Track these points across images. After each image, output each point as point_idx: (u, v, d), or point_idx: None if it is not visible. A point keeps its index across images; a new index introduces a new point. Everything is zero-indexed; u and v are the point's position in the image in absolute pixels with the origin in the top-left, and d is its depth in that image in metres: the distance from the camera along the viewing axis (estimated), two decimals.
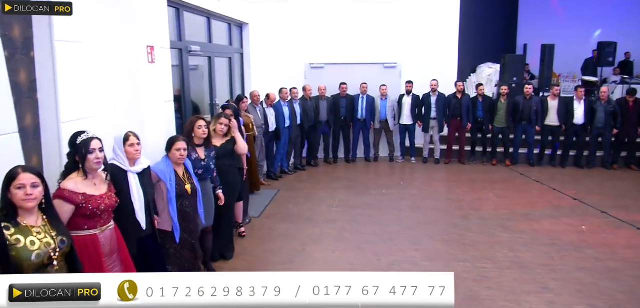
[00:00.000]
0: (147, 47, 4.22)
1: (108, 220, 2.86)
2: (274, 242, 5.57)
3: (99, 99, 3.95)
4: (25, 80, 3.56)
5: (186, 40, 6.46)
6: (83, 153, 2.72)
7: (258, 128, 6.98)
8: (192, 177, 3.82)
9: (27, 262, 2.17)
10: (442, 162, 9.40)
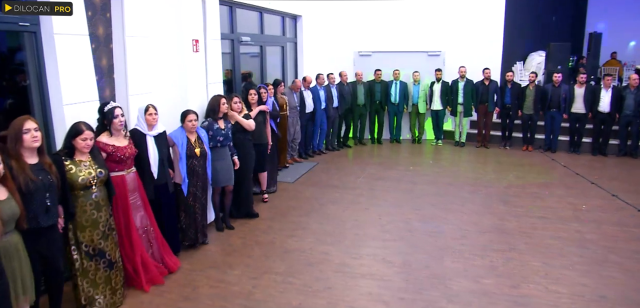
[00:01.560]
0: (192, 40, 5.51)
1: (131, 165, 4.12)
2: (298, 201, 6.70)
3: (157, 79, 5.28)
4: (105, 64, 4.95)
5: (238, 31, 7.74)
6: (110, 118, 3.99)
7: (291, 109, 8.05)
8: (203, 143, 4.93)
9: (75, 183, 3.49)
10: (470, 145, 9.97)
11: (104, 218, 3.67)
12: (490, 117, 9.48)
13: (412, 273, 4.53)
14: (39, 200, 3.11)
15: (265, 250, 5.07)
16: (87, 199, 3.56)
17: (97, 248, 3.67)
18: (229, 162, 5.36)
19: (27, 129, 3.08)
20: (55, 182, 3.23)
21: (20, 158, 3.08)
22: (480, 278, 4.41)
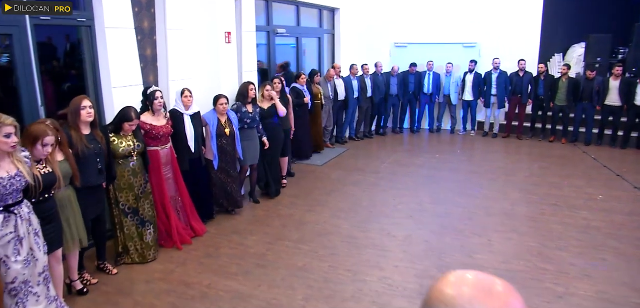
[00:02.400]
0: (225, 33, 6.16)
1: (166, 142, 4.80)
2: (323, 182, 7.24)
3: (193, 67, 5.97)
4: (150, 54, 5.70)
5: (274, 24, 8.34)
6: (151, 99, 4.69)
7: (326, 99, 8.56)
8: (232, 124, 5.54)
9: (117, 153, 4.22)
10: (501, 136, 10.05)
11: (138, 184, 4.40)
12: (523, 108, 9.54)
13: (411, 246, 4.95)
14: (92, 163, 3.86)
15: (284, 222, 5.66)
16: (126, 167, 4.30)
17: (132, 207, 4.41)
18: (256, 142, 5.95)
19: (84, 106, 3.84)
20: (104, 150, 3.98)
21: (78, 130, 3.84)
22: (474, 254, 4.77)
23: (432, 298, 0.91)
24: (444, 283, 0.92)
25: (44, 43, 5.25)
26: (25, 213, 3.15)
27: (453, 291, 0.90)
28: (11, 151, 2.98)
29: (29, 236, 3.16)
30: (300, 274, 4.37)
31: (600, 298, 3.94)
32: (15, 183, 3.04)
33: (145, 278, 4.28)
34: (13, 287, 3.10)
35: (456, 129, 10.61)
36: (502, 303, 0.87)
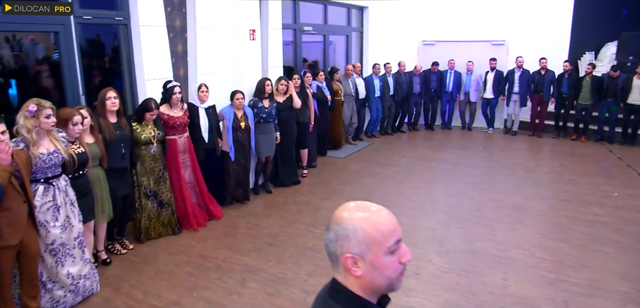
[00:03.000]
0: (249, 30, 6.60)
1: (183, 131, 5.24)
2: (342, 172, 7.58)
3: (220, 62, 6.44)
4: (180, 50, 6.21)
5: (300, 22, 8.73)
6: (170, 93, 5.15)
7: (346, 95, 8.86)
8: (248, 118, 5.94)
9: (139, 140, 4.71)
10: (527, 134, 10.06)
11: (158, 169, 4.91)
12: (545, 106, 9.54)
13: (415, 232, 5.23)
14: (117, 148, 4.37)
15: (300, 207, 6.05)
16: (147, 152, 4.80)
17: (152, 190, 4.91)
18: (272, 136, 6.33)
19: (108, 97, 4.35)
20: (128, 136, 4.48)
21: (105, 117, 4.36)
22: (475, 241, 4.99)
23: (330, 222, 1.24)
24: (338, 209, 1.24)
25: (89, 39, 5.86)
26: (63, 186, 3.67)
27: (340, 211, 1.23)
28: (50, 130, 3.50)
29: (65, 205, 3.68)
30: (308, 253, 4.74)
31: (589, 285, 4.09)
32: (53, 158, 3.56)
33: (168, 251, 4.77)
34: (53, 248, 3.63)
35: (474, 126, 10.71)
36: (372, 213, 1.20)
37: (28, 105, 3.45)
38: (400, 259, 1.21)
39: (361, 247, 1.17)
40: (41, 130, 3.48)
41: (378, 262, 1.17)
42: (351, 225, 1.18)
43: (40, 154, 3.50)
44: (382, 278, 1.19)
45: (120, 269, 4.41)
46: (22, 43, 5.49)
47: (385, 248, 1.17)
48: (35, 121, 3.43)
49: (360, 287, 1.20)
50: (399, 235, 1.21)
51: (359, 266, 1.17)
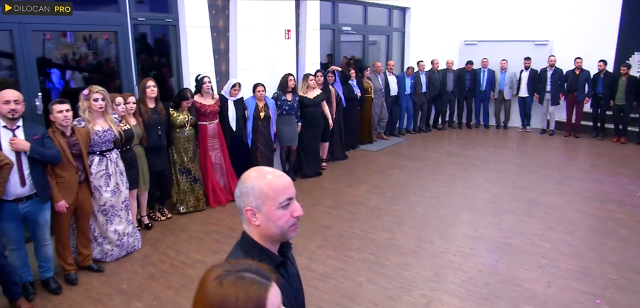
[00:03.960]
0: (285, 30, 7.24)
1: (213, 118, 5.92)
2: (371, 164, 8.04)
3: (258, 58, 7.11)
4: (223, 48, 6.96)
5: (339, 22, 9.27)
6: (200, 84, 5.84)
7: (376, 92, 9.26)
8: (269, 109, 6.52)
9: (175, 123, 5.45)
10: (560, 134, 10.02)
11: (191, 149, 5.65)
12: (580, 106, 9.46)
13: (425, 218, 5.62)
14: (154, 129, 5.14)
15: (324, 192, 6.60)
16: (182, 134, 5.55)
17: (186, 168, 5.65)
18: (294, 127, 6.89)
19: (148, 85, 5.13)
20: (164, 120, 5.25)
21: (145, 103, 5.14)
22: (480, 229, 5.31)
23: (238, 183, 1.59)
24: (244, 173, 1.53)
25: (140, 37, 6.75)
26: (114, 158, 4.47)
27: (246, 174, 1.52)
28: (99, 111, 4.29)
29: (115, 174, 4.48)
30: (321, 229, 5.29)
31: (578, 271, 4.34)
32: (106, 135, 4.35)
33: (200, 222, 5.50)
34: (104, 208, 4.43)
35: (509, 124, 10.76)
36: (268, 176, 1.49)
37: (84, 90, 4.27)
38: (293, 213, 1.50)
39: (258, 201, 1.47)
40: (93, 111, 4.28)
41: (271, 214, 1.47)
42: (251, 184, 1.48)
43: (96, 131, 4.30)
44: (276, 227, 1.48)
45: (159, 233, 5.18)
46: (97, 42, 6.48)
47: (277, 203, 1.46)
48: (87, 103, 4.24)
49: (259, 235, 1.50)
50: (291, 194, 1.50)
51: (257, 217, 1.47)
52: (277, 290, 1.09)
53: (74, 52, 6.77)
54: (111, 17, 5.66)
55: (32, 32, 4.82)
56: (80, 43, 6.85)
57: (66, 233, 4.18)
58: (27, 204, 3.78)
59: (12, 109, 3.61)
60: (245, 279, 1.05)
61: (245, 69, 6.95)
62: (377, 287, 4.07)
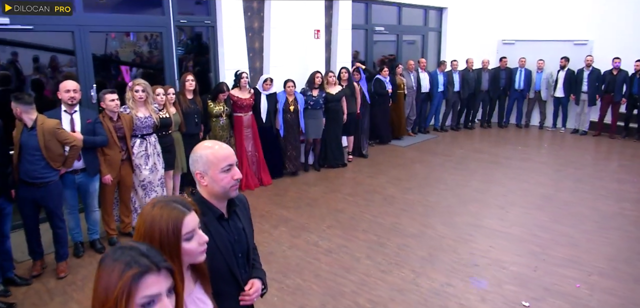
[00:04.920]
0: (315, 30, 7.78)
1: (248, 110, 6.54)
2: (396, 158, 8.42)
3: (289, 56, 7.70)
4: (258, 46, 7.61)
5: (372, 23, 9.69)
6: (238, 79, 6.48)
7: (408, 89, 9.59)
8: (297, 103, 7.06)
9: (211, 113, 6.13)
10: (591, 134, 9.92)
11: (225, 137, 6.31)
12: (616, 107, 9.32)
13: (433, 207, 5.99)
14: (191, 118, 5.84)
15: (345, 181, 7.10)
16: (217, 124, 6.23)
17: None
18: (319, 121, 7.38)
19: (187, 79, 5.84)
20: (200, 110, 5.94)
21: (184, 94, 5.85)
22: (484, 218, 5.61)
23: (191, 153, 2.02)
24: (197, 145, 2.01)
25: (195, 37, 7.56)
26: (153, 141, 5.20)
27: (197, 145, 1.97)
28: (141, 101, 5.02)
29: (153, 155, 5.21)
30: (334, 213, 5.80)
31: (568, 259, 4.58)
32: (147, 121, 5.09)
33: None
34: (143, 184, 5.17)
35: (545, 125, 10.71)
36: (213, 147, 1.84)
37: (129, 82, 5.03)
38: (233, 177, 1.86)
39: (204, 166, 1.84)
40: (136, 100, 5.02)
41: (215, 177, 1.83)
42: (199, 153, 1.86)
43: (138, 117, 5.05)
44: (219, 187, 1.85)
45: None
46: (156, 41, 7.33)
47: (220, 168, 1.83)
48: (131, 93, 4.99)
49: (207, 193, 1.88)
50: (231, 161, 1.85)
51: (204, 179, 1.84)
52: (194, 217, 1.49)
53: (134, 51, 7.72)
54: (157, 19, 6.44)
55: (89, 33, 5.69)
56: (142, 42, 7.76)
57: (110, 203, 4.96)
58: (81, 176, 4.59)
59: (71, 96, 4.41)
60: (171, 205, 1.47)
61: (277, 66, 7.57)
62: (373, 263, 4.53)
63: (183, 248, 1.46)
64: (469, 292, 4.00)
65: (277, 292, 4.01)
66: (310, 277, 4.27)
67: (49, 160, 4.07)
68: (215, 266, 1.77)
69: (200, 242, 1.51)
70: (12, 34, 5.24)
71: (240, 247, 1.98)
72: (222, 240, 1.87)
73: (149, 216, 1.45)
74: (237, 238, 1.96)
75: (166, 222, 1.43)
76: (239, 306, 1.98)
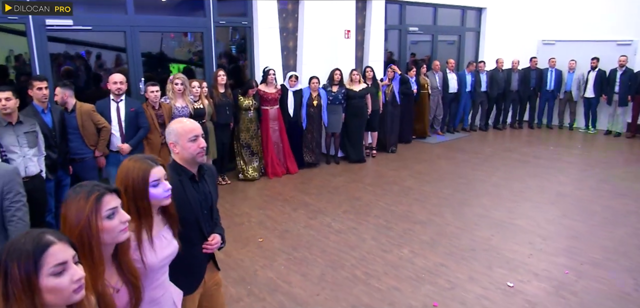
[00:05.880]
0: (345, 30, 8.25)
1: (274, 104, 7.09)
2: (421, 154, 8.73)
3: (320, 55, 8.21)
4: (291, 45, 8.19)
5: (406, 23, 10.01)
6: (266, 75, 7.05)
7: (433, 89, 9.78)
8: (320, 98, 7.54)
9: (241, 106, 6.75)
10: (625, 136, 9.74)
11: (253, 128, 6.93)
12: None
13: (447, 198, 6.30)
14: (222, 109, 6.49)
15: (368, 173, 7.53)
16: (246, 116, 6.85)
17: (248, 143, 6.95)
18: (338, 116, 7.83)
19: (219, 74, 6.50)
20: (231, 102, 6.58)
21: (216, 88, 6.52)
22: (493, 210, 5.87)
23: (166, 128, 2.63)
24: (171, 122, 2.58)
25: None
26: None
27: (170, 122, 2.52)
28: (179, 93, 5.71)
29: None
30: (352, 200, 6.26)
31: (566, 249, 4.80)
32: (183, 111, 5.78)
33: (257, 188, 6.78)
34: None
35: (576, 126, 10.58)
36: (183, 122, 2.29)
37: (170, 76, 5.74)
38: (199, 145, 2.28)
39: (175, 137, 2.28)
40: (175, 92, 5.72)
41: (184, 145, 2.27)
42: (171, 128, 2.31)
43: (176, 106, 5.75)
44: (188, 154, 2.28)
45: (222, 193, 6.52)
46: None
47: (187, 138, 2.26)
48: (172, 85, 5.70)
49: (179, 159, 2.31)
50: (197, 133, 2.27)
51: (176, 147, 2.28)
52: (161, 170, 1.94)
53: (190, 50, 8.54)
54: (199, 20, 7.16)
55: (139, 33, 6.48)
56: (199, 42, 8.56)
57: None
58: (125, 155, 5.34)
59: (118, 87, 5.16)
60: (142, 160, 1.94)
61: (309, 64, 8.11)
62: (377, 243, 4.96)
63: (150, 192, 1.91)
64: (459, 272, 4.34)
65: (285, 262, 4.54)
66: (317, 252, 4.77)
67: (85, 137, 4.89)
68: (186, 216, 2.24)
69: (165, 188, 1.96)
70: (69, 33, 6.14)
71: (206, 204, 2.42)
72: (193, 196, 2.33)
73: (125, 167, 1.92)
74: (204, 197, 2.40)
75: (137, 171, 1.90)
76: (201, 253, 2.43)
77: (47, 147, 4.47)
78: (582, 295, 3.95)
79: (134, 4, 6.36)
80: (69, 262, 1.32)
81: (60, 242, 1.32)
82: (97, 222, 1.56)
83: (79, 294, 1.34)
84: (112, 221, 1.61)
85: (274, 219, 5.62)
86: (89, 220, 1.55)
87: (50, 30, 5.68)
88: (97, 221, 1.56)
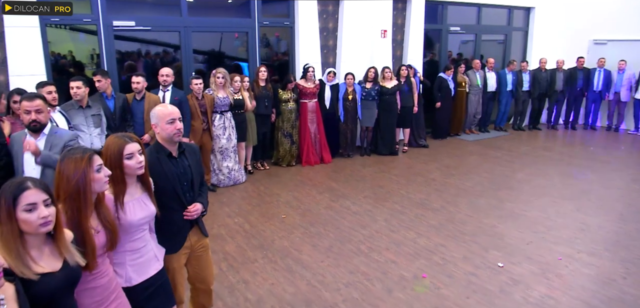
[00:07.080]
0: (381, 30, 8.70)
1: (313, 98, 7.69)
2: (456, 150, 8.99)
3: (358, 53, 8.73)
4: (331, 44, 8.78)
5: (447, 23, 10.25)
6: (306, 71, 7.65)
7: (472, 87, 9.90)
8: (356, 94, 8.02)
9: (281, 99, 7.51)
10: None
11: (292, 119, 7.59)
12: None
13: (466, 190, 6.61)
14: (262, 102, 7.20)
15: (397, 165, 7.96)
16: (286, 108, 7.52)
17: (287, 132, 7.62)
18: (371, 111, 8.27)
19: (260, 70, 7.20)
20: (271, 95, 7.28)
21: (257, 82, 7.23)
22: (508, 202, 6.13)
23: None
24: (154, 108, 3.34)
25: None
26: (229, 117, 6.66)
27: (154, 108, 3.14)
28: (220, 85, 6.48)
29: (229, 128, 6.66)
30: (375, 187, 6.76)
31: (567, 239, 5.02)
32: (224, 101, 6.55)
33: (290, 174, 7.44)
34: (220, 149, 6.66)
35: (621, 127, 10.28)
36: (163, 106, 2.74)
37: (213, 70, 6.53)
38: (175, 127, 2.66)
39: (156, 120, 2.68)
40: (217, 84, 6.51)
41: (163, 127, 2.66)
42: (154, 111, 2.69)
43: (218, 97, 6.54)
44: (165, 134, 2.67)
45: (259, 177, 7.28)
46: (270, 40, 8.86)
47: (165, 121, 2.65)
48: (214, 78, 6.49)
49: (161, 139, 2.70)
50: (175, 116, 2.66)
51: (157, 128, 2.68)
52: (135, 145, 2.34)
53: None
54: (244, 21, 7.93)
55: (192, 33, 7.35)
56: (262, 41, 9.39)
57: None
58: None
59: (164, 79, 6.02)
60: (119, 136, 2.37)
61: (347, 62, 8.67)
62: (387, 224, 5.44)
63: (125, 163, 2.35)
64: (455, 252, 4.73)
65: (300, 234, 5.15)
66: (331, 228, 5.33)
67: (146, 123, 5.71)
68: (162, 185, 2.67)
69: (138, 161, 2.39)
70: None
71: (185, 177, 2.80)
72: (169, 170, 2.73)
73: (108, 141, 2.38)
74: (182, 171, 2.79)
75: (114, 146, 2.34)
76: (182, 219, 2.82)
77: (108, 127, 5.37)
78: (567, 278, 4.22)
79: (187, 7, 7.24)
80: (38, 203, 1.77)
81: (35, 187, 1.78)
82: (90, 174, 2.07)
83: (45, 228, 1.80)
84: (99, 174, 2.12)
85: (299, 200, 6.25)
86: (84, 172, 2.04)
87: (116, 30, 6.70)
88: (90, 173, 2.07)
